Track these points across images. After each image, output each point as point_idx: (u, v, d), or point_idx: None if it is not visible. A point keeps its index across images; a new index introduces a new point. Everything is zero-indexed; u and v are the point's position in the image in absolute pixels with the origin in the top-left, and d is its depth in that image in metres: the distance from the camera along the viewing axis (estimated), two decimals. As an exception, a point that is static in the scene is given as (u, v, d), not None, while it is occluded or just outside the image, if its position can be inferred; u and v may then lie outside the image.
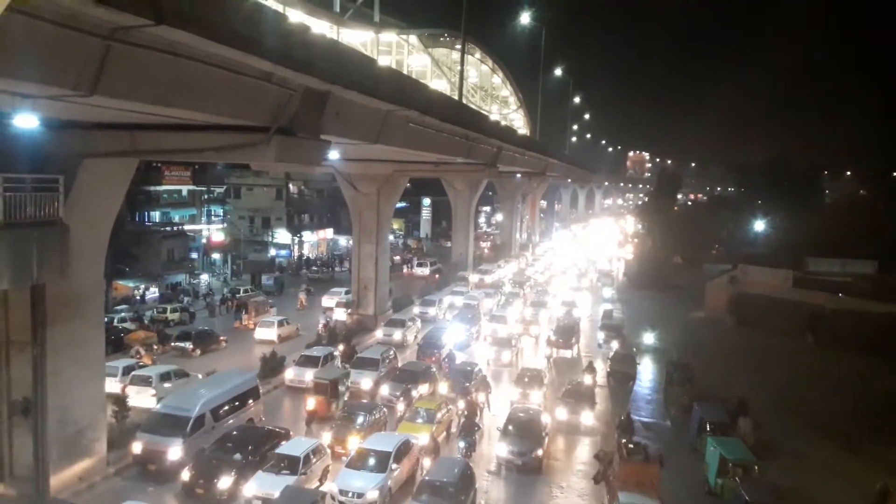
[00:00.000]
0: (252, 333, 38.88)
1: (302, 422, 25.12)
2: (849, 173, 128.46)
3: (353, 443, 22.09)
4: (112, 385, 25.38)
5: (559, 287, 62.24)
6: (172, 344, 35.11)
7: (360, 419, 23.57)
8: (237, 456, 20.18)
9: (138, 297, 48.75)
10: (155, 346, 34.43)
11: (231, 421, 22.88)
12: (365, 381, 29.18)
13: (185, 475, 19.53)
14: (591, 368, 31.44)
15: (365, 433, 22.65)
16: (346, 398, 27.12)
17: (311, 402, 25.73)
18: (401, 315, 40.95)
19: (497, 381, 31.65)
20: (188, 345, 34.75)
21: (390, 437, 21.76)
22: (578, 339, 39.06)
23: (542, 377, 29.76)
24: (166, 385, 26.75)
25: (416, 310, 45.80)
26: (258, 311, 42.80)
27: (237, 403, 23.73)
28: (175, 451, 20.50)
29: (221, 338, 37.00)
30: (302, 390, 28.31)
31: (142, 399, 25.57)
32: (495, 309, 46.52)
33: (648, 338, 41.73)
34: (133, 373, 27.42)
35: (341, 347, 33.55)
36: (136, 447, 20.76)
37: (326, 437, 22.68)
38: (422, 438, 22.77)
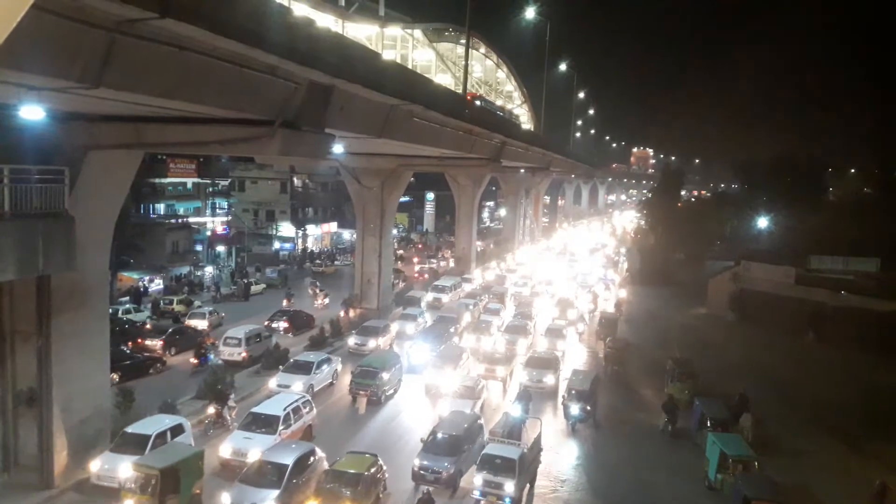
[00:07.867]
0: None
1: None
2: (853, 171, 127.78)
3: None
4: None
5: (548, 306, 48.39)
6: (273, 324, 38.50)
7: None
8: None
9: (142, 289, 48.91)
10: None
11: None
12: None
13: None
14: None
15: None
16: (197, 490, 17.88)
17: None
18: (309, 356, 30.02)
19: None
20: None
21: None
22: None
23: None
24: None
25: (351, 341, 35.35)
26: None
27: None
28: None
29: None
30: (113, 492, 17.97)
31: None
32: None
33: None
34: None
35: (211, 410, 24.37)
36: None
37: None
38: None
